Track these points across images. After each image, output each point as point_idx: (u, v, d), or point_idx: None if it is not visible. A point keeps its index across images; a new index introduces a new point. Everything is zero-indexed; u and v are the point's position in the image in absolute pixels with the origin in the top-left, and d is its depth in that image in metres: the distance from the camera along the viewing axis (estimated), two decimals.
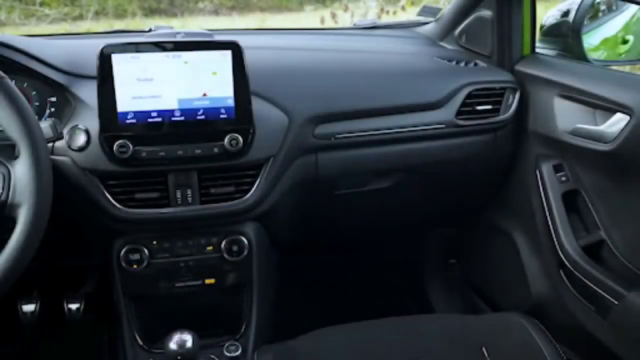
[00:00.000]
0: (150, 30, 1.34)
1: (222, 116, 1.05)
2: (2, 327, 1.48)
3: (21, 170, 0.86)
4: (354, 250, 1.80)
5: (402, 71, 1.31)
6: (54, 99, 1.12)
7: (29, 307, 1.43)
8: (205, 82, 1.04)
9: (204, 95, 1.05)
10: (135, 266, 1.10)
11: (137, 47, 1.02)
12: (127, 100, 1.02)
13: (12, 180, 0.86)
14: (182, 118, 1.04)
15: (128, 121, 1.02)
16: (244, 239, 1.13)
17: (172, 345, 0.96)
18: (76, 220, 1.11)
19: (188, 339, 0.96)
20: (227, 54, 1.04)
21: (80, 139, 1.03)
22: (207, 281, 1.15)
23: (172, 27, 1.34)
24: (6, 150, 0.91)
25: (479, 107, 1.28)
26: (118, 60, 1.00)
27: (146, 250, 1.10)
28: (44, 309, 1.44)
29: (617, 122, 1.13)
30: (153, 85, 1.03)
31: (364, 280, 1.80)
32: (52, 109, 1.12)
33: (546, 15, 1.45)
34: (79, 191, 1.04)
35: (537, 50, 1.40)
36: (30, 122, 0.86)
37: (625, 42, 1.43)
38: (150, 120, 1.03)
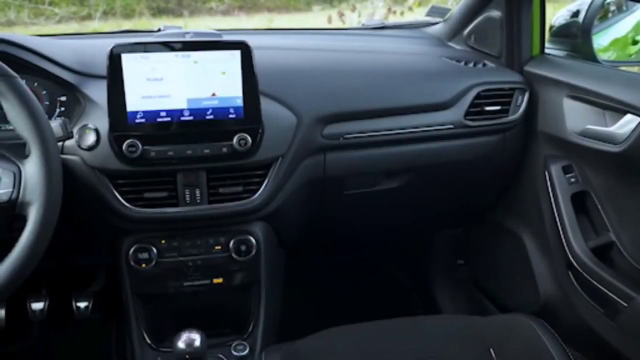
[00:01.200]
0: (159, 30, 1.34)
1: (230, 116, 1.05)
2: (12, 324, 1.48)
3: (32, 169, 0.86)
4: (361, 251, 1.80)
5: (410, 71, 1.30)
6: (63, 99, 1.12)
7: (37, 305, 1.43)
8: (214, 81, 1.04)
9: (213, 95, 1.05)
10: (143, 265, 1.10)
11: (147, 47, 1.02)
12: (136, 100, 1.02)
13: (22, 179, 0.87)
14: (191, 118, 1.05)
15: (137, 121, 1.03)
16: (252, 238, 1.14)
17: (181, 344, 0.96)
18: (85, 219, 1.11)
19: (196, 338, 0.96)
20: (236, 54, 1.04)
21: (90, 138, 1.04)
22: (215, 280, 1.15)
23: (181, 27, 1.35)
24: (17, 149, 0.91)
25: (488, 108, 1.28)
26: (128, 60, 1.01)
27: (154, 250, 1.10)
28: (52, 307, 1.45)
29: (627, 124, 1.12)
30: (162, 85, 1.03)
31: (371, 280, 1.80)
32: (62, 108, 1.12)
33: (555, 15, 1.44)
34: (89, 190, 1.05)
35: (547, 50, 1.40)
36: (40, 121, 0.87)
37: (635, 42, 1.43)
38: (159, 119, 1.03)
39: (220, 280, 1.16)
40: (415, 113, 1.24)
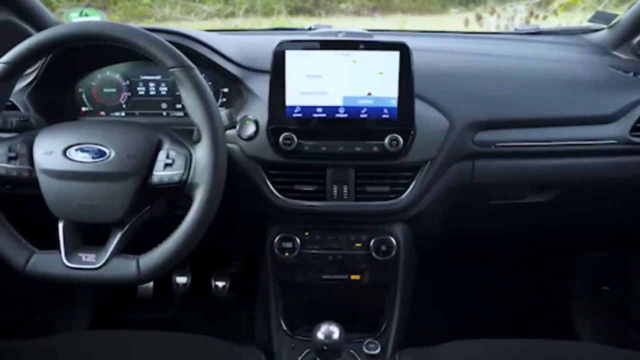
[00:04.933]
0: (310, 28, 1.38)
1: (384, 116, 1.06)
2: (158, 295, 1.62)
3: (201, 153, 0.93)
4: (496, 263, 1.73)
5: (570, 80, 1.23)
6: (226, 90, 1.20)
7: (182, 280, 1.56)
8: (370, 81, 1.06)
9: (369, 94, 1.06)
10: (286, 254, 1.15)
11: (309, 45, 1.06)
12: (295, 95, 1.06)
13: (192, 162, 0.93)
14: (346, 115, 1.07)
15: (295, 115, 1.07)
16: (392, 239, 1.14)
17: (320, 335, 0.99)
18: (238, 204, 1.17)
19: (335, 330, 0.99)
20: (395, 55, 1.04)
21: (250, 129, 1.09)
22: (353, 277, 1.17)
23: (331, 26, 1.38)
24: (186, 134, 0.99)
25: None
26: (291, 57, 1.05)
27: (298, 240, 1.14)
28: (194, 282, 1.56)
29: None
30: (321, 81, 1.06)
31: (504, 295, 1.72)
32: (224, 99, 1.20)
33: None
34: (244, 178, 1.11)
35: None
36: (213, 110, 0.93)
37: None
38: (315, 115, 1.07)
39: (357, 277, 1.17)
40: (574, 125, 1.17)
